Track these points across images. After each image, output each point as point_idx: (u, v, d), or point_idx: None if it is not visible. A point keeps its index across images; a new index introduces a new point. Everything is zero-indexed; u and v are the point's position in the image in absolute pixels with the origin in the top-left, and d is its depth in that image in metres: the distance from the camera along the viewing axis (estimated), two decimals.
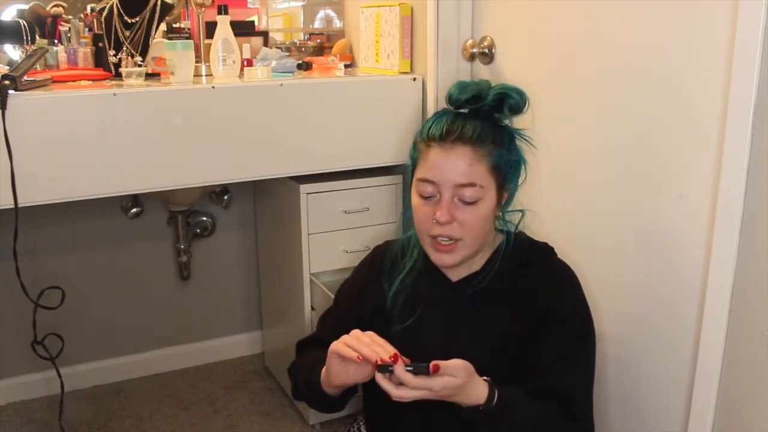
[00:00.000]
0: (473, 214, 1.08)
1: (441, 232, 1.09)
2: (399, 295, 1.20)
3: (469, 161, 1.06)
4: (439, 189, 1.08)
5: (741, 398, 1.09)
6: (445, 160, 1.07)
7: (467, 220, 1.08)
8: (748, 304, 1.05)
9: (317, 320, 1.38)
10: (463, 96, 1.11)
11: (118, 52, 1.77)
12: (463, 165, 1.06)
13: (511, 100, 1.11)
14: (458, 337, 1.15)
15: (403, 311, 1.19)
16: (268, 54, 1.95)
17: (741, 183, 1.02)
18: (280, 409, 2.16)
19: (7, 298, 2.06)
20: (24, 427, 2.07)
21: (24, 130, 1.41)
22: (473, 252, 1.13)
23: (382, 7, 1.91)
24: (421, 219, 1.11)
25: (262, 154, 1.66)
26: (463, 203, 1.08)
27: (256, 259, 2.42)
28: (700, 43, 1.11)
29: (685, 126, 1.16)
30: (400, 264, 1.22)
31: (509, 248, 1.17)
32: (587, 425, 1.14)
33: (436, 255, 1.12)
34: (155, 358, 2.37)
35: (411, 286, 1.19)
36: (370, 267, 1.29)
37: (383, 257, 1.26)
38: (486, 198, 1.09)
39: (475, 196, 1.07)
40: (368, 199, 1.91)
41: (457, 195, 1.08)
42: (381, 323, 1.20)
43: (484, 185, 1.08)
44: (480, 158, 1.07)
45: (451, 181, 1.07)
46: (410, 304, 1.19)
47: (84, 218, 2.17)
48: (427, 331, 1.17)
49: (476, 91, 1.10)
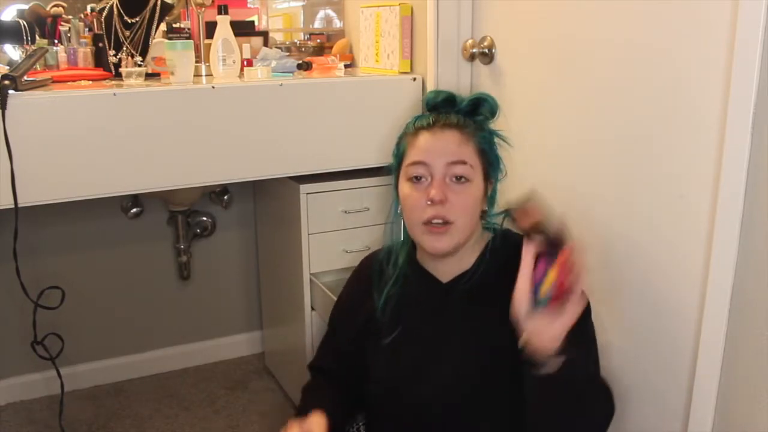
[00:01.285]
0: (464, 195, 1.10)
1: (434, 213, 1.09)
2: (388, 303, 1.20)
3: (457, 142, 1.11)
4: (430, 170, 1.10)
5: (741, 398, 1.09)
6: (435, 141, 1.12)
7: (459, 201, 1.09)
8: (748, 304, 1.05)
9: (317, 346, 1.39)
10: (440, 97, 1.16)
11: (118, 52, 1.77)
12: (452, 145, 1.11)
13: (487, 105, 1.17)
14: (452, 338, 1.14)
15: (393, 318, 1.18)
16: (268, 54, 1.95)
17: (741, 183, 1.02)
18: (280, 409, 2.16)
19: (7, 298, 2.06)
20: (24, 427, 2.07)
21: (24, 130, 1.41)
22: (464, 239, 1.13)
23: (382, 7, 1.91)
24: (412, 206, 1.11)
25: (262, 154, 1.66)
26: (455, 183, 1.10)
27: (256, 259, 2.42)
28: (700, 43, 1.11)
29: (685, 126, 1.16)
30: (387, 272, 1.22)
31: (497, 244, 1.16)
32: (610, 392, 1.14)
33: (429, 241, 1.11)
34: (155, 358, 2.37)
35: (398, 294, 1.19)
36: (357, 281, 1.30)
37: (371, 268, 1.26)
38: (475, 180, 1.12)
39: (466, 173, 1.10)
40: (368, 199, 1.91)
41: (448, 174, 1.10)
42: (374, 333, 1.21)
43: (473, 165, 1.11)
44: (467, 139, 1.12)
45: (442, 158, 1.09)
46: (399, 311, 1.18)
47: (84, 218, 2.17)
48: (419, 334, 1.16)
49: (450, 96, 1.17)
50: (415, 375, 1.14)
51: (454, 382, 1.11)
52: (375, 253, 1.30)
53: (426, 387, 1.13)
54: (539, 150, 1.51)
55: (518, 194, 1.15)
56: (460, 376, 1.11)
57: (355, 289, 1.30)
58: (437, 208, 1.08)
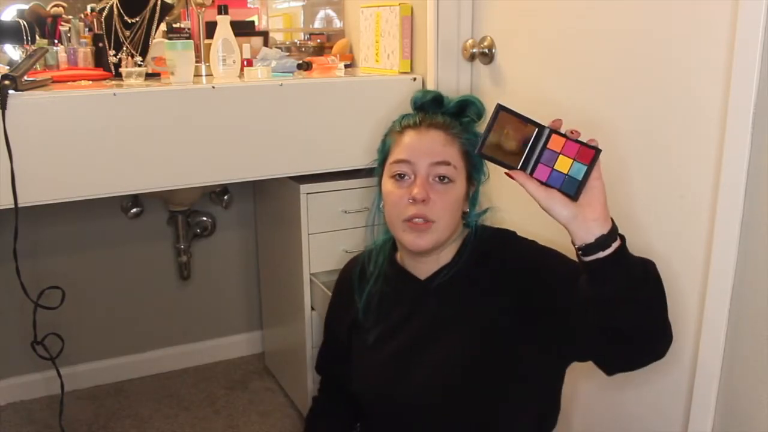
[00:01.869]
0: (447, 195, 1.10)
1: (416, 212, 1.08)
2: (369, 303, 1.20)
3: (442, 142, 1.11)
4: (414, 169, 1.10)
5: (741, 398, 1.09)
6: (420, 140, 1.11)
7: (441, 200, 1.09)
8: (748, 304, 1.05)
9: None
10: (427, 97, 1.16)
11: (118, 52, 1.77)
12: (437, 145, 1.11)
13: (474, 107, 1.16)
14: (432, 335, 1.14)
15: (375, 319, 1.19)
16: (268, 54, 1.95)
17: (741, 183, 1.02)
18: (280, 409, 2.16)
19: (7, 298, 2.06)
20: (24, 427, 2.07)
21: (24, 130, 1.41)
22: (445, 238, 1.12)
23: (382, 7, 1.91)
24: (394, 202, 1.11)
25: (262, 154, 1.66)
26: (437, 183, 1.10)
27: (256, 259, 2.42)
28: (700, 43, 1.11)
29: (685, 126, 1.16)
30: (367, 272, 1.23)
31: (474, 239, 1.16)
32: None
33: (410, 238, 1.10)
34: (155, 358, 2.37)
35: (379, 294, 1.20)
36: (340, 286, 1.32)
37: (351, 272, 1.27)
38: (458, 181, 1.11)
39: (449, 173, 1.10)
40: (368, 199, 1.90)
41: (432, 174, 1.10)
42: (359, 336, 1.22)
43: (457, 167, 1.11)
44: (452, 140, 1.12)
45: (427, 158, 1.09)
46: (380, 311, 1.19)
47: (84, 218, 2.17)
48: (400, 334, 1.17)
49: (438, 96, 1.16)
50: (397, 374, 1.15)
51: (435, 380, 1.11)
52: (356, 257, 1.31)
53: (408, 386, 1.13)
54: None
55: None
56: (441, 374, 1.11)
57: (339, 294, 1.32)
58: (419, 207, 1.08)
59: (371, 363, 1.19)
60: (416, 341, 1.15)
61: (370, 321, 1.20)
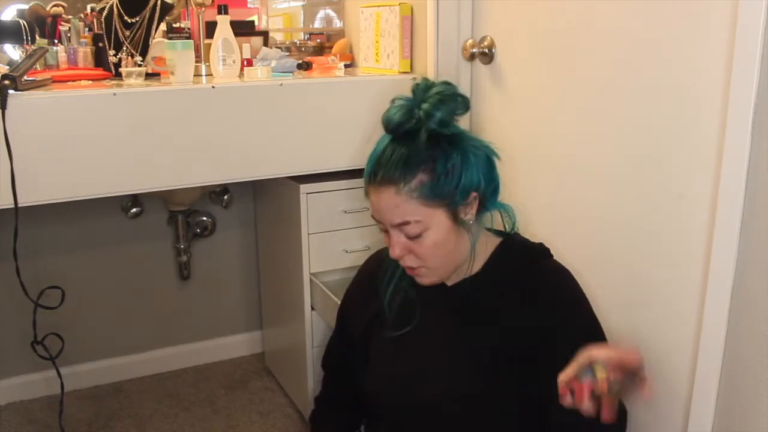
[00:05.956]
0: (423, 246, 1.07)
1: (402, 264, 1.11)
2: (395, 298, 1.20)
3: (395, 203, 1.04)
4: (385, 224, 1.09)
5: (741, 398, 1.09)
6: (378, 200, 1.07)
7: (420, 251, 1.08)
8: (748, 304, 1.05)
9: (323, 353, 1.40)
10: (394, 120, 1.06)
11: (118, 52, 1.77)
12: (391, 207, 1.05)
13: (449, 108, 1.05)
14: (455, 340, 1.14)
15: (400, 316, 1.18)
16: (268, 54, 1.95)
17: (741, 183, 1.02)
18: (280, 409, 2.16)
19: (7, 298, 2.06)
20: (24, 427, 2.07)
21: (24, 130, 1.41)
22: (449, 269, 1.12)
23: (382, 7, 1.91)
24: (387, 245, 1.12)
25: (262, 154, 1.66)
26: (408, 240, 1.07)
27: (256, 259, 2.42)
28: (700, 43, 1.11)
29: (685, 126, 1.16)
30: (392, 268, 1.22)
31: (506, 249, 1.16)
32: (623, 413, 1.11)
33: (413, 278, 1.14)
34: (155, 358, 2.37)
35: (405, 292, 1.19)
36: (360, 280, 1.31)
37: (378, 265, 1.25)
38: (432, 227, 1.05)
39: (416, 231, 1.06)
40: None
41: (401, 231, 1.07)
42: (378, 330, 1.21)
43: (421, 219, 1.04)
44: (406, 198, 1.03)
45: (388, 221, 1.07)
46: (405, 310, 1.18)
47: (84, 218, 2.17)
48: (423, 335, 1.16)
49: (405, 115, 1.05)
50: (416, 375, 1.14)
51: (455, 384, 1.11)
52: (379, 251, 1.30)
53: (427, 387, 1.13)
54: (539, 149, 1.51)
55: (513, 196, 1.15)
56: (463, 382, 1.11)
57: (362, 285, 1.29)
58: (403, 260, 1.10)
59: (390, 361, 1.18)
60: (437, 344, 1.14)
61: (394, 319, 1.19)
